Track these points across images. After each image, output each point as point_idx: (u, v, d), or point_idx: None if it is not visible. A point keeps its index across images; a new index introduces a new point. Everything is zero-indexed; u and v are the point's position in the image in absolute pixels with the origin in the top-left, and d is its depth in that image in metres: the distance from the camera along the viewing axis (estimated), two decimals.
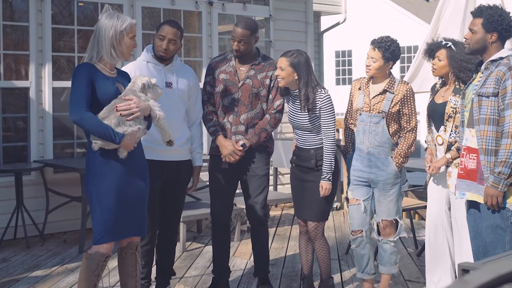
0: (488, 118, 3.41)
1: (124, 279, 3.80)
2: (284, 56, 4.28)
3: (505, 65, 3.41)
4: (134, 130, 3.51)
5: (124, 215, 3.56)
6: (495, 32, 3.49)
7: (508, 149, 3.32)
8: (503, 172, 3.33)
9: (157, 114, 3.61)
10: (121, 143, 3.46)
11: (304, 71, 4.23)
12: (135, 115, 3.49)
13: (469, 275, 1.22)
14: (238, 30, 4.38)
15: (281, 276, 5.21)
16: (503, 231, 3.39)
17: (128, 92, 3.56)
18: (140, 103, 3.52)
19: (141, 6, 7.25)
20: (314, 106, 4.23)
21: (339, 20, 11.53)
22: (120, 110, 3.46)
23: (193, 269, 5.38)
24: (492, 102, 3.40)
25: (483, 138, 3.43)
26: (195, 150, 4.49)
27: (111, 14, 3.60)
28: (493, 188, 3.36)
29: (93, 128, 3.47)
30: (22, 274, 5.23)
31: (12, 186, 6.19)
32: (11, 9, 6.82)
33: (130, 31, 3.59)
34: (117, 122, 3.47)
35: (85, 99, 3.44)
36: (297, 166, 4.46)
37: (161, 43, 4.22)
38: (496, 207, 3.39)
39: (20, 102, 6.71)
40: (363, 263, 4.43)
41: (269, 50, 8.32)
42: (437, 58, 4.27)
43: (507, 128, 3.34)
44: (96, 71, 3.54)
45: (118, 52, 3.57)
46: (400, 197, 4.38)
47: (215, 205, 4.60)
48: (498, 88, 3.38)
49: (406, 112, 4.27)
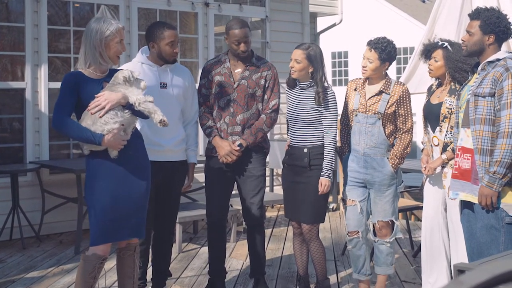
0: (484, 118, 3.43)
1: (122, 280, 3.80)
2: (300, 48, 4.33)
3: (502, 66, 3.42)
4: (114, 127, 3.46)
5: (121, 217, 3.55)
6: (492, 34, 3.50)
7: (503, 149, 3.33)
8: (498, 171, 3.34)
9: (135, 99, 3.48)
10: (103, 142, 3.44)
11: (320, 64, 4.30)
12: (106, 109, 3.43)
13: (464, 276, 1.22)
14: (241, 31, 4.38)
15: (277, 277, 5.21)
16: (498, 231, 3.39)
17: (107, 89, 3.50)
18: (110, 95, 3.44)
19: (137, 7, 7.24)
20: (323, 103, 4.28)
21: (336, 21, 11.53)
22: (90, 109, 3.45)
23: (189, 270, 5.38)
24: (488, 102, 3.42)
25: (479, 138, 3.44)
26: (190, 148, 4.49)
27: (98, 19, 3.57)
28: (488, 188, 3.37)
29: (73, 133, 3.49)
30: (18, 275, 5.22)
31: (8, 187, 6.18)
32: (7, 10, 6.81)
33: (116, 35, 3.54)
34: (91, 123, 3.44)
35: (67, 108, 3.47)
36: (289, 166, 4.47)
37: (171, 48, 4.23)
38: (490, 207, 3.40)
39: (16, 103, 6.70)
40: (359, 264, 4.43)
41: (265, 51, 8.33)
42: (434, 58, 4.28)
43: (503, 128, 3.35)
44: (84, 78, 3.53)
45: (106, 57, 3.55)
46: (396, 198, 4.39)
47: (211, 206, 4.60)
48: (495, 88, 3.40)
49: (402, 113, 4.27)
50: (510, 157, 3.32)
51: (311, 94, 4.33)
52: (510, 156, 3.32)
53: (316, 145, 4.34)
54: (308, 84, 4.35)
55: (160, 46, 4.24)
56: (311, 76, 4.34)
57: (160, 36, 4.23)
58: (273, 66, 4.60)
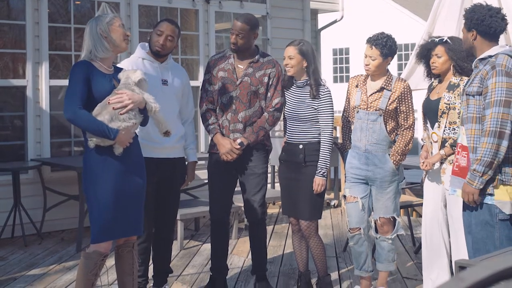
0: (474, 116, 3.43)
1: (122, 277, 3.79)
2: (291, 45, 4.36)
3: (490, 64, 3.40)
4: (129, 125, 3.49)
5: (122, 214, 3.55)
6: (473, 29, 3.50)
7: (484, 147, 3.32)
8: (477, 169, 3.33)
9: (152, 107, 3.57)
10: (116, 139, 3.45)
11: (312, 58, 4.32)
12: (128, 108, 3.46)
13: (465, 272, 1.22)
14: (238, 23, 4.40)
15: (279, 273, 5.21)
16: (492, 227, 3.40)
17: (122, 86, 3.53)
18: (134, 96, 3.49)
19: (137, 4, 7.24)
20: (317, 96, 4.27)
21: (337, 18, 11.51)
22: (112, 103, 3.44)
23: (190, 267, 5.38)
24: (477, 101, 3.42)
25: (471, 137, 3.45)
26: (189, 147, 4.51)
27: (96, 16, 3.63)
28: (469, 185, 3.38)
29: (87, 125, 3.46)
30: (20, 272, 5.23)
31: (10, 185, 6.19)
32: (8, 8, 6.81)
33: (115, 20, 3.57)
34: (110, 118, 3.44)
35: (80, 97, 3.43)
36: (285, 162, 4.49)
37: (158, 38, 4.22)
38: (473, 204, 3.40)
39: (17, 100, 6.70)
40: (361, 260, 4.43)
41: (266, 48, 8.32)
42: (436, 55, 4.25)
43: (486, 126, 3.34)
44: (93, 68, 3.52)
45: (114, 42, 3.54)
46: (397, 195, 4.38)
47: (214, 203, 4.60)
48: (482, 87, 3.39)
49: (403, 109, 4.27)
50: (490, 155, 3.30)
51: (307, 92, 4.34)
52: (490, 154, 3.30)
53: (312, 142, 4.34)
54: (304, 82, 4.36)
55: (152, 34, 4.28)
56: (306, 72, 4.35)
57: (156, 26, 4.30)
58: (278, 63, 4.56)
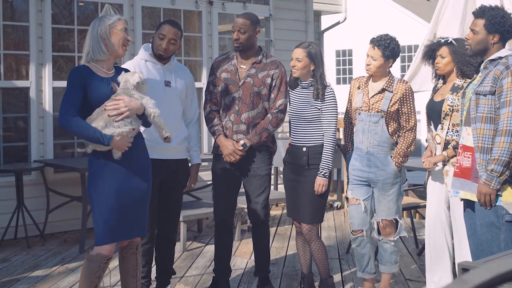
0: (485, 116, 3.42)
1: (125, 279, 3.79)
2: (300, 47, 4.34)
3: (503, 64, 3.41)
4: (124, 131, 3.47)
5: (125, 216, 3.54)
6: (497, 34, 3.49)
7: (501, 147, 3.32)
8: (495, 169, 3.33)
9: (151, 112, 3.54)
10: (111, 144, 3.45)
11: (320, 61, 4.32)
12: (123, 115, 3.45)
13: (468, 274, 1.21)
14: (239, 20, 4.42)
15: (282, 275, 5.21)
16: (498, 229, 3.39)
17: (121, 91, 3.51)
18: (131, 102, 3.47)
19: (141, 6, 7.25)
20: (321, 98, 4.28)
21: (340, 19, 11.51)
22: (108, 110, 3.44)
23: (193, 269, 5.38)
24: (489, 100, 3.41)
25: (480, 136, 3.43)
26: (192, 149, 4.50)
27: (100, 16, 3.62)
28: (486, 186, 3.37)
29: (80, 131, 3.47)
30: (23, 274, 5.23)
31: (13, 186, 6.20)
32: (11, 9, 6.82)
33: (118, 24, 3.56)
34: (104, 124, 3.43)
35: (74, 104, 3.43)
36: (289, 164, 4.48)
37: (161, 42, 4.22)
38: (488, 205, 3.40)
39: (21, 102, 6.71)
40: (363, 262, 4.43)
41: (269, 50, 8.32)
42: (440, 56, 4.25)
43: (501, 126, 3.34)
44: (91, 73, 3.51)
45: (111, 46, 3.53)
46: (400, 197, 4.38)
47: (218, 204, 4.60)
48: (495, 86, 3.39)
49: (405, 111, 4.27)
50: (507, 155, 3.31)
51: (311, 92, 4.34)
52: (508, 154, 3.31)
53: (316, 145, 4.33)
54: (309, 83, 4.35)
55: (154, 37, 4.28)
56: (312, 75, 4.34)
57: (158, 28, 4.29)
58: (281, 65, 4.54)
